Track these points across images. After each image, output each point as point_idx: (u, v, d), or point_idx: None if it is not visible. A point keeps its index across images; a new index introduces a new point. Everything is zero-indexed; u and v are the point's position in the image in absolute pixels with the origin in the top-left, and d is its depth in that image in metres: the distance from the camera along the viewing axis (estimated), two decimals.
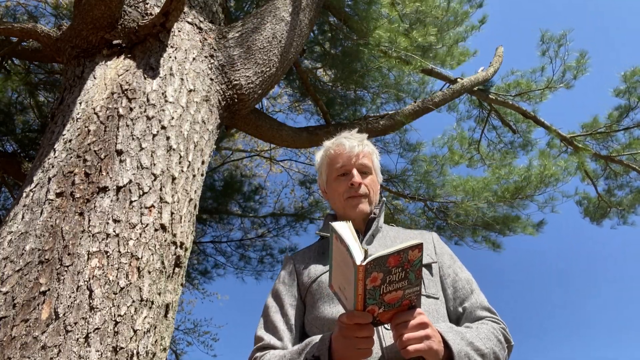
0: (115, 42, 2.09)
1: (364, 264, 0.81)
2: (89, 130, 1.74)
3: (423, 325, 0.91)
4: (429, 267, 1.19)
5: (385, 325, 1.02)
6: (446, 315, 1.14)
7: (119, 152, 1.69)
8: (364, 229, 1.28)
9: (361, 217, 1.28)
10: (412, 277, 0.88)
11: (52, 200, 1.54)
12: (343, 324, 0.91)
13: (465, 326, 1.07)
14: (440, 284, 1.21)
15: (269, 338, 1.15)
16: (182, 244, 1.74)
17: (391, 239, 1.26)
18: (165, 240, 1.64)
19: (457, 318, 1.16)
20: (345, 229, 0.90)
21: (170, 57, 2.13)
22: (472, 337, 1.00)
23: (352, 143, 1.32)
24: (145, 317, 1.45)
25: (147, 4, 2.32)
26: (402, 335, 0.89)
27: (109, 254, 1.45)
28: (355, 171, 1.28)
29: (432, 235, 1.33)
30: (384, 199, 1.39)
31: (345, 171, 1.30)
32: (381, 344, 1.01)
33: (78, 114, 1.82)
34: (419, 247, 0.86)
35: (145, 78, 1.98)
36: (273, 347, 1.13)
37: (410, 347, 0.88)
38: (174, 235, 1.70)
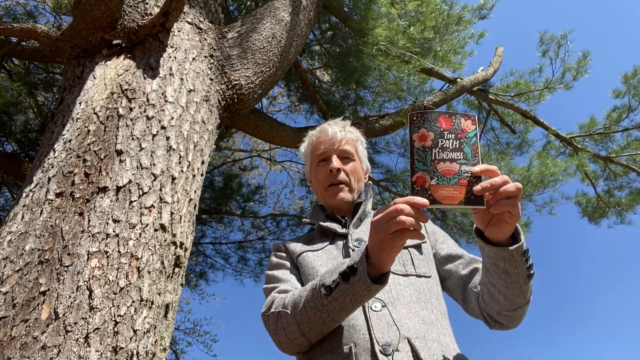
0: (115, 42, 2.09)
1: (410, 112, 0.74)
2: (88, 131, 1.74)
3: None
4: (418, 247, 1.15)
5: (373, 307, 0.96)
6: (440, 295, 1.10)
7: (119, 152, 1.69)
8: (350, 215, 1.25)
9: (344, 206, 1.25)
10: (467, 151, 0.77)
11: (52, 200, 1.54)
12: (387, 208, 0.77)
13: None
14: (434, 262, 1.16)
15: (284, 285, 1.08)
16: (182, 244, 1.74)
17: None
18: (165, 241, 1.64)
19: (467, 278, 1.10)
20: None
21: (170, 57, 2.13)
22: None
23: (334, 129, 1.29)
24: (145, 317, 1.45)
25: (147, 4, 2.32)
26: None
27: (108, 254, 1.45)
28: (334, 157, 1.26)
29: None
30: (370, 182, 1.35)
31: (325, 157, 1.28)
32: (369, 327, 0.95)
33: (78, 114, 1.82)
34: (473, 118, 0.77)
35: (145, 78, 1.98)
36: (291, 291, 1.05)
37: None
38: (174, 236, 1.70)
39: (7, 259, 1.41)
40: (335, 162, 1.24)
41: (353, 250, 1.11)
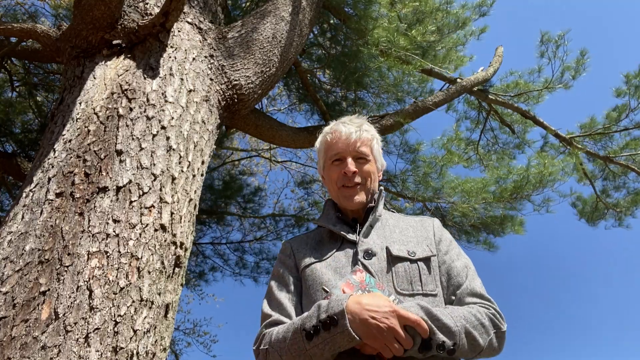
0: (115, 42, 2.09)
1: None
2: (88, 131, 1.74)
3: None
4: (427, 260, 1.13)
5: None
6: None
7: (119, 152, 1.69)
8: (362, 218, 1.24)
9: (358, 207, 1.24)
10: None
11: (52, 200, 1.54)
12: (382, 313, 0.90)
13: (443, 308, 1.01)
14: (439, 274, 1.14)
15: (276, 315, 1.10)
16: (182, 244, 1.74)
17: (390, 229, 1.21)
18: (165, 241, 1.64)
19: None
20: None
21: (170, 57, 2.13)
22: (442, 314, 0.94)
23: (350, 129, 1.25)
24: (145, 317, 1.45)
25: (147, 4, 2.32)
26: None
27: (108, 254, 1.45)
28: (349, 159, 1.24)
29: (434, 221, 1.26)
30: (382, 187, 1.33)
31: (340, 157, 1.26)
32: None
33: (78, 114, 1.82)
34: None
35: (145, 78, 1.98)
36: (281, 323, 1.07)
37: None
38: (174, 236, 1.70)
39: (7, 259, 1.41)
40: (351, 165, 1.23)
41: (362, 262, 1.11)
